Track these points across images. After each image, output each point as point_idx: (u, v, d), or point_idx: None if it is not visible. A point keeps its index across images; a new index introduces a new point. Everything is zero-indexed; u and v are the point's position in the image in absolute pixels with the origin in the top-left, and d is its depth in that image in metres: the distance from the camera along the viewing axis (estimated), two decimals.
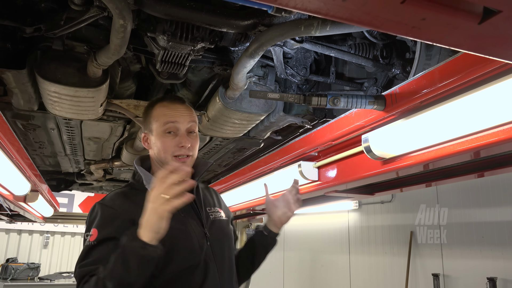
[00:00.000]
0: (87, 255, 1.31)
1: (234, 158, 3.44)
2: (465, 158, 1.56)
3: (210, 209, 1.61)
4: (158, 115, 1.53)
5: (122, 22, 1.41)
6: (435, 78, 1.31)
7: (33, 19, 1.61)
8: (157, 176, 1.21)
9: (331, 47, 1.93)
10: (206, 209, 1.59)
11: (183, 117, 1.52)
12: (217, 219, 1.60)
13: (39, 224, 8.39)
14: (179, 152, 1.50)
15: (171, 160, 1.49)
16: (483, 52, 0.74)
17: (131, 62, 2.10)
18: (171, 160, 1.49)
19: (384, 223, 6.66)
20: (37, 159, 3.64)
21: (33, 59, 1.84)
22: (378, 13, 0.62)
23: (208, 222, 1.55)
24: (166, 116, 1.52)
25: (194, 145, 1.55)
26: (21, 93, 2.05)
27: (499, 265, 4.99)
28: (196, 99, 2.40)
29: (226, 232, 1.61)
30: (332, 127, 1.88)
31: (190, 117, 1.54)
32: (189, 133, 1.53)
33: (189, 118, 1.53)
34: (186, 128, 1.52)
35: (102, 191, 5.28)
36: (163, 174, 1.20)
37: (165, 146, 1.50)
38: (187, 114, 1.54)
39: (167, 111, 1.53)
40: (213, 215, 1.60)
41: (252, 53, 1.62)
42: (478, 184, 5.33)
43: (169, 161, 1.49)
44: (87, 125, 2.62)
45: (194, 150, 1.54)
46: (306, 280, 8.03)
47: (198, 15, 1.48)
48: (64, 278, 8.28)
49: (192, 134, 1.54)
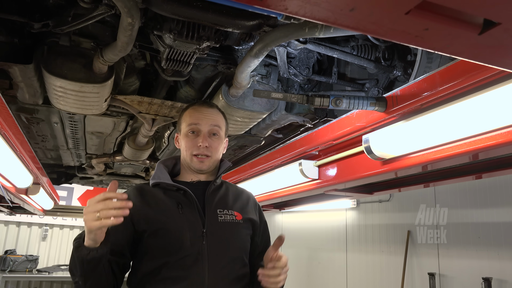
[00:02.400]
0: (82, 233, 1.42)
1: (235, 155, 3.48)
2: (463, 160, 1.59)
3: (222, 211, 1.62)
4: (186, 116, 1.67)
5: (130, 20, 1.43)
6: (436, 82, 1.34)
7: (41, 15, 1.64)
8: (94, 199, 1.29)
9: (334, 48, 1.95)
10: (217, 210, 1.60)
11: (206, 119, 1.63)
12: (227, 221, 1.59)
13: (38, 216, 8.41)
14: (198, 151, 1.61)
15: (191, 159, 1.62)
16: (482, 61, 0.77)
17: (136, 58, 2.12)
18: (190, 159, 1.62)
19: (382, 222, 6.70)
20: (39, 152, 3.67)
21: (39, 54, 1.86)
22: (383, 22, 0.65)
23: (213, 222, 1.56)
24: (191, 118, 1.65)
25: (215, 146, 1.64)
26: (26, 87, 2.08)
27: (494, 266, 5.04)
28: (199, 96, 2.42)
29: (234, 233, 1.59)
30: (334, 127, 1.91)
31: (213, 120, 1.65)
32: (212, 135, 1.64)
33: (212, 121, 1.64)
34: (208, 130, 1.63)
35: (102, 185, 5.31)
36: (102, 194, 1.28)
37: (186, 145, 1.63)
38: (210, 117, 1.65)
39: (193, 113, 1.66)
40: (223, 216, 1.60)
41: (257, 53, 1.64)
42: (475, 185, 5.37)
43: (189, 160, 1.63)
44: (90, 120, 2.65)
45: (214, 151, 1.64)
46: (303, 277, 8.07)
47: (205, 14, 1.50)
48: (62, 271, 8.30)
49: (214, 136, 1.64)
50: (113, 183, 1.32)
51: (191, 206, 1.55)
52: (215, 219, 1.57)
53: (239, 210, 1.66)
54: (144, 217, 1.52)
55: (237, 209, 1.66)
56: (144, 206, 1.54)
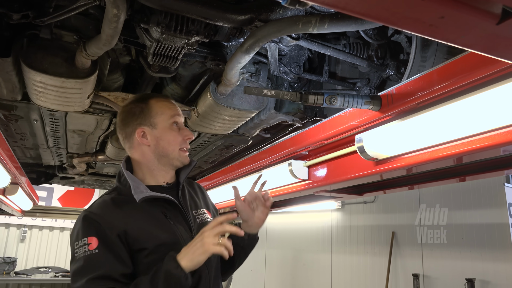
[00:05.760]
0: (92, 266, 1.26)
1: (221, 155, 3.41)
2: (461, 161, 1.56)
3: (197, 211, 1.58)
4: (162, 107, 1.53)
5: (115, 11, 1.36)
6: (433, 80, 1.30)
7: (20, 5, 1.55)
8: (218, 219, 1.30)
9: (326, 45, 1.91)
10: (193, 212, 1.55)
11: (179, 111, 1.57)
12: (203, 221, 1.56)
13: (17, 217, 8.19)
14: (185, 145, 1.53)
15: (179, 153, 1.52)
16: (496, 54, 0.73)
17: (120, 54, 2.05)
18: (178, 153, 1.51)
19: (367, 223, 6.71)
20: (18, 151, 3.54)
21: (19, 47, 1.77)
22: (397, 9, 0.60)
23: (195, 226, 1.51)
24: (171, 109, 1.54)
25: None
26: (4, 82, 1.98)
27: (477, 267, 5.09)
28: (185, 94, 2.35)
29: None
30: (326, 126, 1.87)
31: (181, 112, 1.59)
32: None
33: (182, 113, 1.59)
34: (182, 122, 1.57)
35: (83, 185, 5.18)
36: (223, 219, 1.31)
37: (175, 138, 1.51)
38: (179, 109, 1.58)
39: (169, 105, 1.55)
40: (200, 217, 1.57)
41: (248, 49, 1.59)
42: (459, 187, 5.42)
43: (176, 154, 1.51)
44: (72, 117, 2.55)
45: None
46: (288, 279, 8.05)
47: (194, 7, 1.44)
48: (41, 273, 8.11)
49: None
50: (233, 215, 1.39)
51: (175, 214, 1.48)
52: (195, 223, 1.52)
53: (205, 206, 1.65)
54: (140, 234, 1.36)
55: (203, 205, 1.64)
56: (136, 221, 1.38)
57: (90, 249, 1.28)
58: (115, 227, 1.33)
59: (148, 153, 1.50)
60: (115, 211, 1.40)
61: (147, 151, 1.50)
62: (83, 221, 1.35)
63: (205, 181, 3.70)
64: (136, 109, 1.52)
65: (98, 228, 1.32)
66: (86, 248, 1.28)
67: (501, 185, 5.02)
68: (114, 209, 1.40)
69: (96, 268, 1.25)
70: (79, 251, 1.29)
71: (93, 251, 1.27)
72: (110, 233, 1.31)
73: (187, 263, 1.24)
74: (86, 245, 1.28)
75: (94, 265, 1.26)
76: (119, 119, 1.58)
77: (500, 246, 4.92)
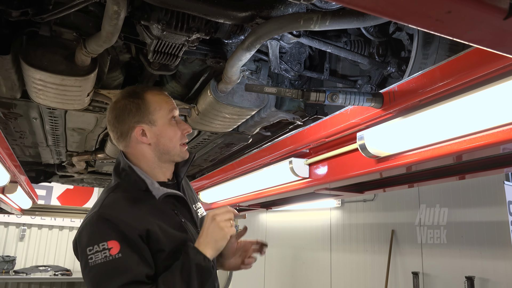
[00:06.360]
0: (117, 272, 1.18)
1: (221, 153, 3.40)
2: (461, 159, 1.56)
3: (195, 206, 1.58)
4: (159, 102, 1.46)
5: (116, 8, 1.35)
6: (436, 77, 1.29)
7: (20, 2, 1.54)
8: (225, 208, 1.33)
9: (327, 42, 1.90)
10: (193, 206, 1.55)
11: (175, 104, 1.53)
12: (202, 215, 1.57)
13: (16, 216, 8.17)
14: (185, 139, 1.50)
15: (180, 149, 1.48)
16: (502, 50, 0.72)
17: (120, 51, 2.04)
18: (180, 149, 1.48)
19: (366, 221, 6.72)
20: (17, 149, 3.53)
21: (18, 45, 1.76)
22: (403, 3, 0.59)
23: (198, 221, 1.51)
24: (168, 104, 1.48)
25: None
26: (3, 80, 1.97)
27: (477, 264, 5.10)
28: (185, 92, 2.34)
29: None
30: (327, 124, 1.85)
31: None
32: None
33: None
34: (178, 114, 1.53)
35: (83, 183, 5.16)
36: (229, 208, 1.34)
37: (175, 134, 1.46)
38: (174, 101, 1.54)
39: (167, 99, 1.50)
40: (199, 211, 1.58)
41: (249, 46, 1.58)
42: (459, 185, 5.42)
43: (178, 150, 1.47)
44: (71, 116, 2.54)
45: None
46: (287, 277, 8.05)
47: (195, 4, 1.43)
48: (40, 272, 8.10)
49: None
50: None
51: (183, 210, 1.47)
52: (198, 217, 1.52)
53: (198, 199, 1.64)
54: (161, 234, 1.30)
55: (198, 199, 1.64)
56: (156, 220, 1.32)
57: (112, 253, 1.19)
58: (135, 227, 1.26)
59: (148, 151, 1.45)
60: (133, 210, 1.32)
61: (146, 149, 1.45)
62: (97, 223, 1.26)
63: (205, 179, 3.69)
64: (131, 105, 1.43)
65: (117, 230, 1.24)
66: (107, 253, 1.19)
67: (501, 183, 5.03)
68: (130, 208, 1.33)
69: (123, 274, 1.18)
70: (96, 256, 1.20)
71: (116, 256, 1.19)
72: (131, 234, 1.24)
73: (211, 252, 1.26)
74: (106, 249, 1.20)
75: (121, 271, 1.19)
76: (111, 116, 1.48)
77: (500, 244, 4.93)
